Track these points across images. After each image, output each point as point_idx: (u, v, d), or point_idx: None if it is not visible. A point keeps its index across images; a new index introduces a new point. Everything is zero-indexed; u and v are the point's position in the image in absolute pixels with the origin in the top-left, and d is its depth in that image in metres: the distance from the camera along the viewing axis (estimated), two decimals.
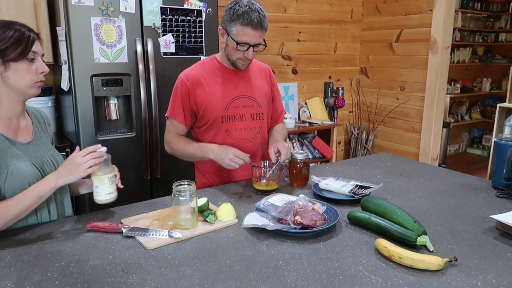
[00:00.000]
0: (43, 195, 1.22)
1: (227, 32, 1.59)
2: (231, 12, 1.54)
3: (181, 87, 1.69)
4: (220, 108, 1.69)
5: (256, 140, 1.78)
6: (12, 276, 1.00)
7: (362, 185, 1.57)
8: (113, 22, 2.27)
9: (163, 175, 2.55)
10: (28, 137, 1.33)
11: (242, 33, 1.54)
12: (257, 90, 1.76)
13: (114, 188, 1.33)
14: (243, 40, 1.55)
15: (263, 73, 1.82)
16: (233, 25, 1.55)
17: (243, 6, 1.52)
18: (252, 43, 1.57)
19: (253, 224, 1.24)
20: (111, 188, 1.32)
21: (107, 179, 1.30)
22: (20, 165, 1.24)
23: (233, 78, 1.72)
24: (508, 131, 1.76)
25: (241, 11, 1.52)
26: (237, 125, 1.73)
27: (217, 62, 1.73)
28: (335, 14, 4.11)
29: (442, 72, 3.73)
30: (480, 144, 5.88)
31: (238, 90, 1.72)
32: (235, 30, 1.55)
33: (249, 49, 1.58)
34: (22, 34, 1.21)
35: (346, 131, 4.51)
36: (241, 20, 1.52)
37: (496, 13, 5.51)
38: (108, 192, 1.31)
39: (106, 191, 1.31)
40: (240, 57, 1.62)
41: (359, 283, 0.98)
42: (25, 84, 1.24)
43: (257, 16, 1.52)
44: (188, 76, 1.69)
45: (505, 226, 1.24)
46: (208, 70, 1.71)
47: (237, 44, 1.56)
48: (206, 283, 0.98)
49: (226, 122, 1.71)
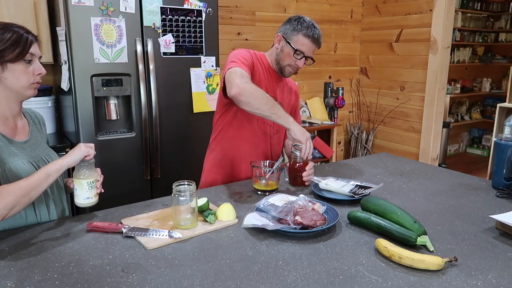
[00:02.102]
0: (51, 172, 1.22)
1: (286, 39, 1.71)
2: (296, 23, 1.70)
3: (249, 54, 1.72)
4: None
5: (273, 139, 1.87)
6: (12, 276, 1.00)
7: (362, 185, 1.57)
8: (113, 22, 2.27)
9: (163, 175, 2.55)
10: (24, 136, 1.34)
11: (302, 42, 1.68)
12: (285, 99, 1.88)
13: (93, 193, 1.30)
14: (301, 48, 1.69)
15: (292, 87, 1.95)
16: (296, 34, 1.69)
17: (307, 21, 1.70)
18: (306, 54, 1.70)
19: (253, 224, 1.24)
20: (89, 193, 1.29)
21: (86, 184, 1.28)
22: (17, 163, 1.24)
23: (273, 80, 1.81)
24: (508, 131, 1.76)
25: (306, 25, 1.69)
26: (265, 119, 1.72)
27: (266, 60, 1.81)
28: (335, 14, 4.11)
29: (442, 72, 3.73)
30: (480, 144, 5.88)
31: (272, 91, 1.79)
32: (296, 39, 1.69)
33: (302, 59, 1.71)
34: (20, 36, 1.22)
35: (346, 131, 4.51)
36: (305, 32, 1.68)
37: (496, 13, 5.51)
38: (86, 196, 1.29)
39: (84, 195, 1.28)
40: (291, 64, 1.73)
41: (359, 283, 0.98)
42: (22, 85, 1.25)
43: (318, 33, 1.70)
44: (250, 55, 1.73)
45: (505, 226, 1.24)
46: (258, 64, 1.78)
47: (295, 51, 1.69)
48: (206, 283, 0.98)
49: None
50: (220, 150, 1.84)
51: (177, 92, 2.54)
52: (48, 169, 1.22)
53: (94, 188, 1.30)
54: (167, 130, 2.54)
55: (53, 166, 1.23)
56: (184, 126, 2.61)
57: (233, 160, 1.82)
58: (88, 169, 1.29)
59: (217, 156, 1.85)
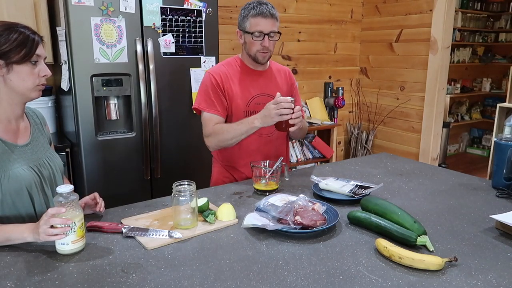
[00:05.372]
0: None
1: (243, 30, 1.73)
2: (243, 12, 1.72)
3: (211, 81, 1.75)
4: (242, 103, 1.78)
5: (273, 136, 1.86)
6: (12, 276, 1.00)
7: (362, 185, 1.57)
8: (113, 22, 2.27)
9: (163, 175, 2.55)
10: (26, 138, 1.32)
11: (255, 23, 1.68)
12: (276, 89, 1.83)
13: (74, 238, 1.10)
14: (256, 29, 1.68)
15: (283, 74, 1.93)
16: (246, 21, 1.70)
17: (252, 3, 1.69)
18: (265, 31, 1.68)
19: (253, 224, 1.24)
20: (71, 237, 1.09)
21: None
22: (17, 170, 1.23)
23: (254, 77, 1.81)
24: (508, 131, 1.76)
25: (251, 6, 1.69)
26: None
27: (240, 61, 1.83)
28: (335, 14, 4.11)
29: (442, 72, 3.73)
30: (480, 144, 5.88)
31: (259, 88, 1.81)
32: (249, 24, 1.69)
33: (264, 38, 1.69)
34: (26, 37, 1.20)
35: (346, 131, 4.51)
36: (251, 13, 1.68)
37: (496, 13, 5.50)
38: (61, 242, 1.09)
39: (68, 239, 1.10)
40: (258, 48, 1.72)
41: (359, 283, 0.98)
42: (27, 86, 1.23)
43: (265, 7, 1.68)
44: (216, 71, 1.79)
45: (505, 226, 1.24)
46: (231, 69, 1.80)
47: (252, 34, 1.68)
48: (206, 283, 0.98)
49: (249, 115, 1.77)
50: (221, 156, 1.89)
51: (177, 92, 2.54)
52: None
53: (76, 231, 1.11)
54: (167, 130, 2.54)
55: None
56: (184, 126, 2.61)
57: (234, 163, 1.85)
58: (73, 209, 1.11)
59: (221, 162, 1.90)
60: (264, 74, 1.84)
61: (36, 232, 1.09)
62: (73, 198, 1.11)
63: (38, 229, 1.08)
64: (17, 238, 1.13)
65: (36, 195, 1.28)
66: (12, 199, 1.22)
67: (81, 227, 1.12)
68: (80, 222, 1.12)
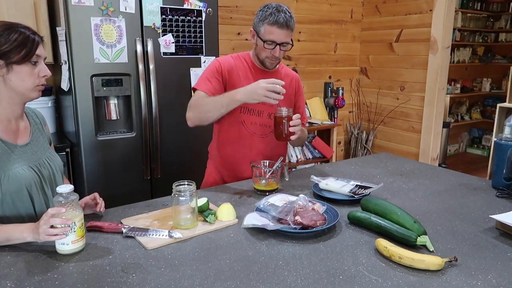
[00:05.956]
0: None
1: (256, 33, 1.69)
2: (260, 14, 1.67)
3: (214, 66, 1.74)
4: None
5: (268, 137, 1.82)
6: (12, 276, 1.00)
7: (362, 185, 1.57)
8: (113, 22, 2.27)
9: (163, 175, 2.55)
10: (26, 138, 1.32)
11: (269, 32, 1.64)
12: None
13: (74, 238, 1.10)
14: (269, 38, 1.65)
15: (290, 78, 1.88)
16: (262, 25, 1.66)
17: (271, 8, 1.64)
18: (278, 41, 1.65)
19: (253, 224, 1.24)
20: (71, 237, 1.09)
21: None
22: (17, 170, 1.23)
23: (260, 76, 1.77)
24: (508, 131, 1.76)
25: (269, 12, 1.63)
26: (253, 119, 1.78)
27: (249, 58, 1.81)
28: (335, 14, 4.11)
29: (442, 72, 3.73)
30: (480, 144, 5.88)
31: None
32: (263, 30, 1.66)
33: (276, 48, 1.67)
34: (26, 37, 1.20)
35: (346, 131, 4.51)
36: (268, 20, 1.63)
37: (496, 13, 5.50)
38: (61, 242, 1.10)
39: (68, 239, 1.10)
40: (268, 55, 1.70)
41: (359, 283, 0.98)
42: (27, 87, 1.23)
43: (283, 16, 1.62)
44: (223, 60, 1.76)
45: (505, 226, 1.24)
46: (240, 62, 1.79)
47: (264, 42, 1.66)
48: (206, 283, 0.98)
49: (243, 113, 1.76)
50: (217, 154, 1.88)
51: (177, 92, 2.54)
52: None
53: (76, 231, 1.11)
54: (167, 130, 2.54)
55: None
56: (184, 126, 2.60)
57: (230, 163, 1.84)
58: (73, 209, 1.11)
59: (216, 160, 1.89)
60: (270, 75, 1.81)
61: (36, 232, 1.09)
62: (73, 198, 1.11)
63: (38, 229, 1.08)
64: (17, 238, 1.13)
65: (36, 195, 1.28)
66: (12, 199, 1.22)
67: (81, 227, 1.12)
68: (80, 222, 1.12)
